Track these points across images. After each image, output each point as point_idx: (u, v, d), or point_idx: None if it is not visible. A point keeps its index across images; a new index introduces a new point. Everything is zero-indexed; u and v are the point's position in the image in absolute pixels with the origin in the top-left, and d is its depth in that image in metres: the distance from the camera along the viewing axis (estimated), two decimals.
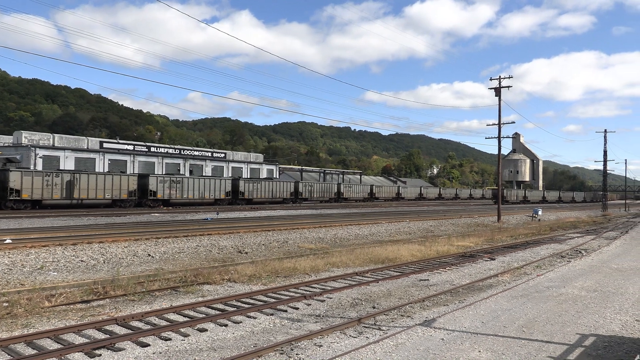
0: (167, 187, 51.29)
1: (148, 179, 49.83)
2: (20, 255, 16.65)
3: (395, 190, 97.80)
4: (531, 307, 11.53)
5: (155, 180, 50.45)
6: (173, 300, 12.11)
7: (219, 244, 21.86)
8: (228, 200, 59.10)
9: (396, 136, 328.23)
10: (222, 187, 58.13)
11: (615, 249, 24.77)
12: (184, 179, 54.10)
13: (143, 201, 49.33)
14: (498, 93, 41.89)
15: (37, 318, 10.31)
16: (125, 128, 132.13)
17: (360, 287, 14.33)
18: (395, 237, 28.74)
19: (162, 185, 50.85)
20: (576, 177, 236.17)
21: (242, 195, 60.83)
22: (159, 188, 50.40)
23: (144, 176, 50.85)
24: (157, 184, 50.27)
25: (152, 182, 49.93)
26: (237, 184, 61.07)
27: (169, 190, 51.51)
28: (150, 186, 49.56)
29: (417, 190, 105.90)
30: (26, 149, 57.50)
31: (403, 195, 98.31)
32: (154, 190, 49.85)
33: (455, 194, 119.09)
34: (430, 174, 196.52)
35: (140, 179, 49.70)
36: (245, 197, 61.29)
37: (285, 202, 68.30)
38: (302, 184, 73.80)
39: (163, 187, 50.91)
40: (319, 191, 77.51)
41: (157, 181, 50.49)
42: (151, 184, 49.72)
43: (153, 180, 50.20)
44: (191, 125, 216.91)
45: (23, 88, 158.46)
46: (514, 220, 46.65)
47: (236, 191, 60.25)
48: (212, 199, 56.87)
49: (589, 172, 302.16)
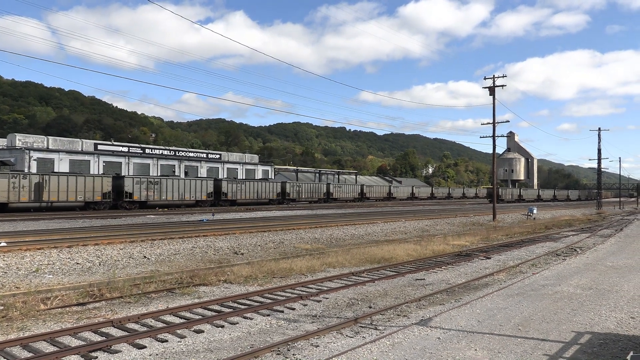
0: (144, 188, 49.42)
1: (123, 180, 48.29)
2: (15, 258, 16.58)
3: (386, 190, 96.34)
4: (527, 306, 11.56)
5: (131, 182, 48.72)
6: (169, 302, 12.09)
7: (215, 245, 21.83)
8: (210, 201, 57.29)
9: (391, 136, 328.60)
10: (203, 188, 56.31)
11: (610, 247, 24.88)
12: (162, 180, 52.19)
13: (118, 203, 47.79)
14: (492, 92, 41.99)
15: (32, 321, 10.28)
16: (120, 130, 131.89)
17: (356, 287, 14.34)
18: (391, 236, 28.77)
19: (139, 187, 49.03)
20: (571, 175, 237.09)
21: (225, 197, 59.04)
22: (135, 189, 48.63)
23: (119, 177, 49.47)
24: (133, 185, 48.52)
25: (128, 183, 48.29)
26: (220, 184, 59.26)
27: (146, 192, 49.57)
28: (126, 187, 47.93)
29: (409, 189, 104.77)
30: (20, 152, 57.27)
31: (395, 195, 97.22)
32: (129, 191, 48.14)
33: (447, 194, 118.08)
34: (425, 174, 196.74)
35: (115, 180, 48.28)
36: (228, 199, 59.43)
37: (272, 203, 66.25)
38: (289, 184, 71.59)
39: (140, 188, 49.08)
40: (308, 191, 75.20)
41: (133, 182, 48.71)
42: (127, 185, 48.07)
43: (129, 181, 48.54)
44: (186, 127, 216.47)
45: (16, 90, 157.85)
46: (509, 219, 46.77)
47: (219, 192, 58.46)
48: (193, 201, 55.05)
49: (584, 171, 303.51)
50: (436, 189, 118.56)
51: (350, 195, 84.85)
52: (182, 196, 53.61)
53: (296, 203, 71.04)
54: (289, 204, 67.92)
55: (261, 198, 64.47)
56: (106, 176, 48.14)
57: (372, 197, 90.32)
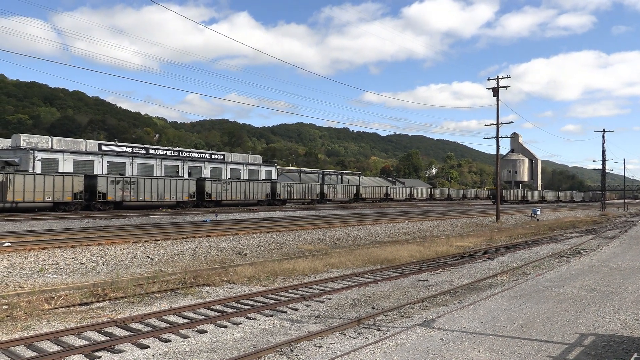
0: (119, 188, 47.35)
1: (96, 179, 46.31)
2: (20, 258, 16.64)
3: (383, 191, 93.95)
4: (530, 307, 11.54)
5: (105, 181, 46.64)
6: (172, 302, 12.11)
7: (218, 245, 21.85)
8: (192, 202, 54.92)
9: (394, 137, 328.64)
10: (185, 188, 53.90)
11: (614, 249, 24.81)
12: (140, 179, 49.94)
13: (91, 204, 45.96)
14: (496, 93, 41.93)
15: (36, 320, 10.31)
16: (124, 130, 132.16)
17: (359, 287, 14.34)
18: (394, 237, 28.75)
19: (113, 186, 46.94)
20: (575, 176, 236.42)
21: (209, 197, 56.58)
22: (109, 189, 46.57)
23: (92, 177, 47.36)
24: (107, 185, 46.47)
25: (101, 183, 46.24)
26: (203, 184, 56.81)
27: (122, 192, 47.53)
28: (99, 187, 45.94)
29: (407, 190, 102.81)
30: (25, 152, 57.46)
31: (392, 196, 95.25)
32: (103, 191, 46.16)
33: (447, 195, 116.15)
34: (429, 175, 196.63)
35: (88, 180, 46.23)
36: (212, 199, 56.98)
37: (261, 204, 63.44)
38: (279, 185, 68.60)
39: (114, 188, 46.96)
40: (299, 192, 72.10)
41: (106, 182, 46.66)
42: (100, 184, 46.04)
43: (102, 180, 46.52)
44: (189, 127, 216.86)
45: (21, 91, 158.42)
46: (513, 221, 46.69)
47: (202, 192, 56.12)
48: (174, 201, 52.76)
49: (588, 172, 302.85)
50: (435, 190, 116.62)
51: (345, 196, 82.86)
52: (161, 197, 51.20)
53: (287, 204, 68.42)
54: (278, 205, 65.40)
55: (249, 199, 61.98)
56: (77, 175, 46.15)
57: (368, 198, 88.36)
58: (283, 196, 68.04)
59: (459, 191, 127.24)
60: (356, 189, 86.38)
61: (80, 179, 45.28)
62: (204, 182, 57.02)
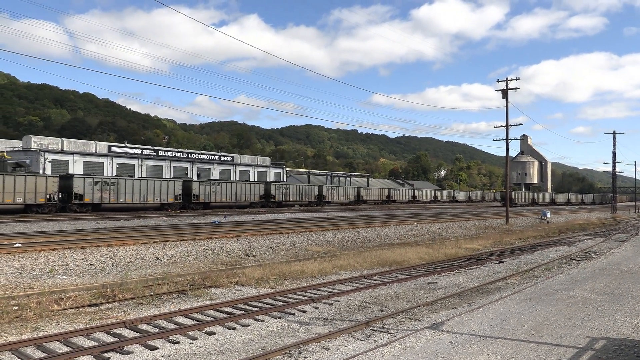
0: (97, 189, 45.48)
1: (72, 180, 44.37)
2: (30, 259, 16.75)
3: (385, 193, 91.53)
4: (540, 310, 11.45)
5: (82, 182, 44.74)
6: (181, 304, 12.13)
7: (227, 247, 21.89)
8: (178, 204, 52.87)
9: (403, 139, 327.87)
10: (170, 189, 51.83)
11: (625, 251, 24.59)
12: (120, 180, 48.03)
13: (67, 205, 44.11)
14: (505, 95, 41.75)
15: (46, 321, 10.36)
16: (133, 132, 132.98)
17: (368, 290, 14.30)
18: (403, 239, 28.66)
19: (91, 187, 45.07)
20: (585, 179, 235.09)
21: (197, 199, 54.53)
22: (86, 190, 44.72)
23: (68, 177, 45.46)
24: (84, 186, 44.60)
25: (78, 184, 44.37)
26: (190, 185, 54.67)
27: (100, 193, 45.72)
28: (76, 188, 44.10)
29: (410, 192, 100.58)
30: (35, 154, 57.92)
31: (395, 198, 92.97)
32: (79, 193, 44.29)
33: (452, 197, 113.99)
34: (437, 177, 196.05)
35: (64, 180, 44.42)
36: (200, 201, 54.90)
37: (254, 207, 61.04)
38: (274, 186, 66.18)
39: (92, 189, 45.13)
40: (297, 194, 69.49)
41: (84, 183, 44.75)
42: (76, 185, 44.18)
43: (79, 181, 44.64)
44: (198, 129, 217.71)
45: (32, 93, 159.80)
46: (523, 223, 46.43)
47: (189, 194, 53.94)
48: (158, 203, 50.80)
49: (598, 174, 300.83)
50: (439, 192, 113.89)
51: (345, 198, 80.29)
52: (144, 198, 49.21)
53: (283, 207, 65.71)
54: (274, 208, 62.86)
55: (240, 201, 59.69)
56: (52, 176, 44.26)
57: (370, 201, 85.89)
58: (278, 198, 65.87)
59: (464, 193, 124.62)
60: (357, 190, 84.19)
61: (55, 179, 43.44)
62: (190, 183, 55.11)
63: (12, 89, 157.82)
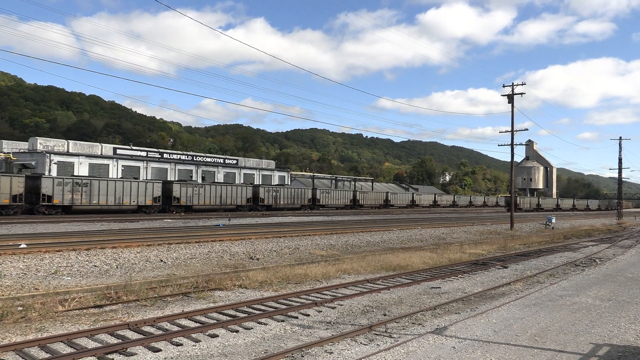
0: (67, 190, 43.10)
1: (40, 180, 42.05)
2: (35, 260, 16.81)
3: (383, 197, 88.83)
4: (544, 316, 11.42)
5: (51, 182, 42.39)
6: (185, 306, 12.16)
7: (231, 250, 21.91)
8: (157, 207, 50.60)
9: (408, 143, 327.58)
10: (148, 191, 49.37)
11: (631, 258, 24.48)
12: (93, 181, 45.41)
13: (35, 207, 41.99)
14: (511, 100, 41.69)
15: (50, 322, 10.41)
16: (139, 134, 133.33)
17: (371, 294, 14.29)
18: (407, 244, 28.63)
19: (61, 189, 42.71)
20: (591, 184, 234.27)
21: (178, 201, 52.04)
22: (55, 191, 42.35)
23: (35, 177, 43.12)
24: (52, 187, 42.25)
25: (46, 185, 41.95)
26: (170, 187, 51.99)
27: (71, 195, 43.30)
28: (44, 189, 41.76)
29: (409, 197, 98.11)
30: (41, 155, 58.19)
31: (393, 203, 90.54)
32: (48, 194, 41.95)
33: (452, 201, 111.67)
34: (442, 181, 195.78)
35: (31, 181, 42.10)
36: (181, 204, 52.48)
37: (241, 210, 59.11)
38: (263, 189, 63.42)
39: (62, 190, 42.75)
40: (288, 197, 66.88)
41: (52, 183, 42.43)
42: (44, 186, 41.79)
43: (47, 182, 42.24)
44: (204, 132, 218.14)
45: (38, 95, 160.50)
46: (527, 228, 46.28)
47: (169, 196, 51.63)
48: (135, 206, 48.43)
49: (604, 180, 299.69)
50: (439, 196, 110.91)
51: (341, 202, 77.51)
52: (119, 200, 46.85)
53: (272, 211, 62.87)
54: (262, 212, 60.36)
55: (226, 204, 57.37)
56: (17, 175, 41.38)
57: (367, 205, 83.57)
58: (267, 201, 63.54)
59: (465, 198, 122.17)
60: (353, 194, 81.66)
61: (21, 179, 41.00)
62: (171, 185, 52.61)
63: (19, 91, 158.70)
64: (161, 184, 51.66)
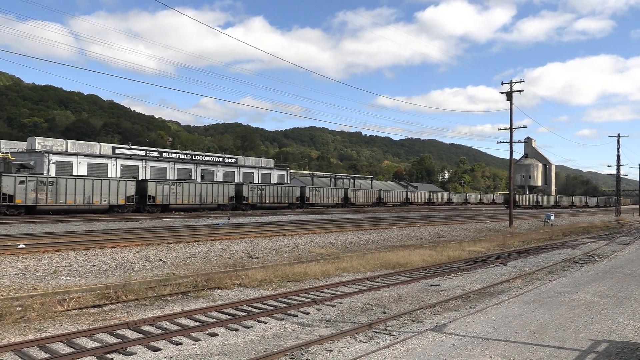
0: (31, 189, 41.00)
1: (0, 179, 39.83)
2: (34, 260, 16.81)
3: (375, 195, 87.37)
4: (543, 313, 11.44)
5: (12, 181, 40.19)
6: (184, 305, 12.16)
7: (230, 249, 21.91)
8: (131, 206, 48.56)
9: (407, 141, 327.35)
10: (120, 190, 47.20)
11: (629, 254, 24.51)
12: (60, 180, 43.15)
13: None
14: (509, 97, 41.69)
15: (49, 322, 10.41)
16: (138, 134, 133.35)
17: (370, 292, 14.30)
18: (406, 242, 28.65)
19: (24, 187, 40.61)
20: (589, 181, 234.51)
21: (153, 200, 49.88)
22: (17, 191, 40.24)
23: None
24: (14, 186, 40.14)
25: (7, 183, 39.80)
26: (145, 186, 49.70)
27: (35, 194, 41.26)
28: (4, 188, 39.63)
29: (403, 194, 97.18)
30: (40, 155, 58.11)
31: (385, 200, 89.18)
32: (9, 193, 39.91)
33: (447, 199, 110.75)
34: (441, 179, 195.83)
35: None
36: (157, 203, 50.31)
37: (223, 209, 57.34)
38: (246, 187, 61.27)
39: (25, 189, 40.67)
40: (274, 196, 64.62)
41: (14, 182, 40.26)
42: (5, 185, 39.67)
43: (8, 180, 40.06)
44: (203, 131, 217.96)
45: (37, 94, 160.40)
46: (526, 225, 46.32)
47: (144, 195, 49.50)
48: (106, 205, 46.30)
49: (602, 177, 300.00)
50: (434, 194, 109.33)
51: (332, 200, 75.78)
52: (89, 200, 44.77)
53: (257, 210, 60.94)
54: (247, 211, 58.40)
55: (206, 203, 55.59)
56: None
57: (358, 203, 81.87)
58: (252, 200, 61.52)
59: (460, 195, 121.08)
60: (344, 192, 79.97)
61: None
62: (145, 183, 50.34)
63: (17, 91, 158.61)
64: (135, 182, 49.59)
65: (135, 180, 50.65)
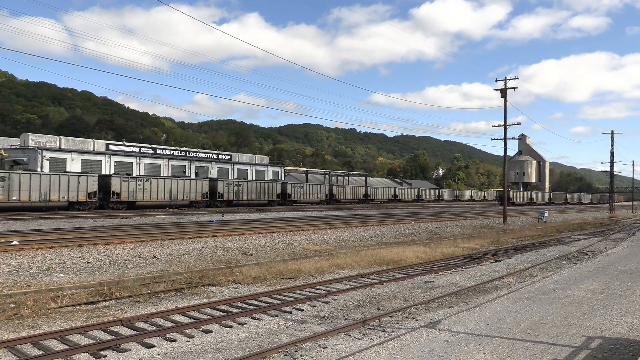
0: None
1: None
2: (27, 257, 16.73)
3: (362, 192, 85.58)
4: (537, 309, 11.48)
5: None
6: (178, 302, 12.14)
7: (224, 245, 21.89)
8: (93, 203, 45.72)
9: (401, 138, 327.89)
10: (81, 186, 44.37)
11: (622, 251, 24.65)
12: (13, 175, 40.13)
13: None
14: (503, 94, 41.78)
15: (43, 319, 10.36)
16: (132, 130, 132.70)
17: (365, 288, 14.31)
18: (400, 238, 28.69)
19: None
20: (583, 178, 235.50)
21: (118, 197, 47.33)
22: None
23: None
24: None
25: None
26: (109, 182, 46.99)
27: None
28: None
29: (391, 191, 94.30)
30: (33, 152, 57.80)
31: (372, 197, 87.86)
32: None
33: (437, 195, 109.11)
34: (436, 176, 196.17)
35: None
36: (122, 199, 47.72)
37: (196, 206, 54.73)
38: (222, 183, 58.54)
39: None
40: (252, 192, 61.50)
41: None
42: None
43: None
44: (197, 128, 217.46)
45: (30, 91, 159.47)
46: (520, 222, 46.49)
47: (109, 192, 46.90)
48: (65, 202, 43.43)
49: (596, 174, 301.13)
50: (423, 191, 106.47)
51: (315, 197, 73.35)
52: (46, 196, 41.92)
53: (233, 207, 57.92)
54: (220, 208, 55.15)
55: (177, 199, 52.86)
56: None
57: (344, 200, 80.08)
58: (228, 197, 59.06)
59: (450, 192, 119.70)
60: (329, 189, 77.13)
61: None
62: (109, 179, 47.63)
63: (10, 87, 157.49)
64: (97, 178, 46.77)
65: (98, 175, 48.08)
